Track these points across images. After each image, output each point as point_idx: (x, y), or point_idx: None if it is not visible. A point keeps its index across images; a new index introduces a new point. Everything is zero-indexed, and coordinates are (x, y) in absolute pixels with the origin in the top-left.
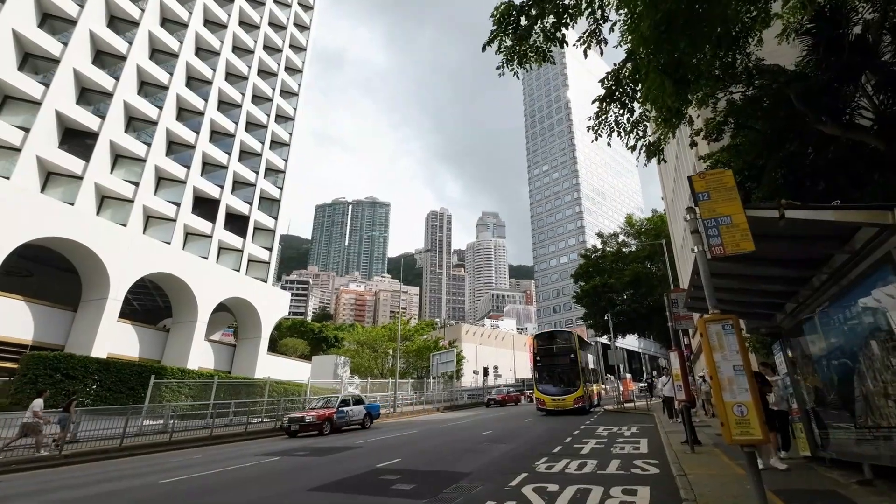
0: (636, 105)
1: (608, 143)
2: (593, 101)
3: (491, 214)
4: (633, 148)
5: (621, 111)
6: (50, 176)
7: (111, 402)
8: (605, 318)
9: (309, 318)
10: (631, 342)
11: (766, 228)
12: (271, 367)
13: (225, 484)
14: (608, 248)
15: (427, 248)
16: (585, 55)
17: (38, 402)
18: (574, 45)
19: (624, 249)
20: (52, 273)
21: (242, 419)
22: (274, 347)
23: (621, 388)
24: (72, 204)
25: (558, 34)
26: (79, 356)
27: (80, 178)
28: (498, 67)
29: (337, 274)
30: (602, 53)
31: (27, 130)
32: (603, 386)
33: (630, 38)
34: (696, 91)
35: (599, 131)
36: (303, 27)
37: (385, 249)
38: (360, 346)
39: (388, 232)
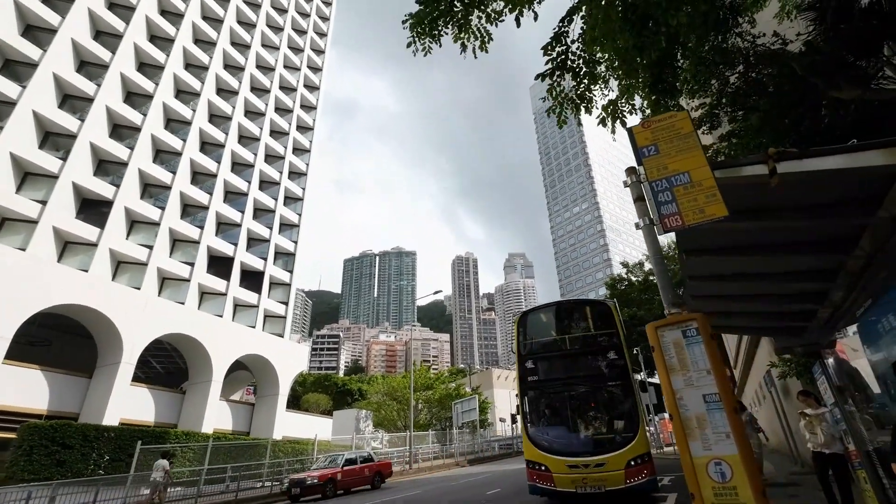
0: (602, 69)
1: (578, 123)
2: (537, 77)
3: (518, 255)
4: (602, 121)
5: (578, 83)
6: (67, 245)
7: (109, 471)
8: (634, 352)
9: (341, 372)
10: None
11: (759, 199)
12: (291, 425)
13: None
14: (633, 278)
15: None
16: (518, 24)
17: (165, 463)
18: (502, 12)
19: (651, 278)
20: (71, 340)
21: (244, 484)
22: (296, 404)
23: (660, 430)
24: (86, 271)
25: None
26: (76, 424)
27: (95, 245)
28: (410, 45)
29: (367, 326)
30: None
31: (44, 203)
32: None
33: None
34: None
35: (564, 112)
36: (312, 88)
37: (414, 298)
38: (384, 399)
39: (416, 280)
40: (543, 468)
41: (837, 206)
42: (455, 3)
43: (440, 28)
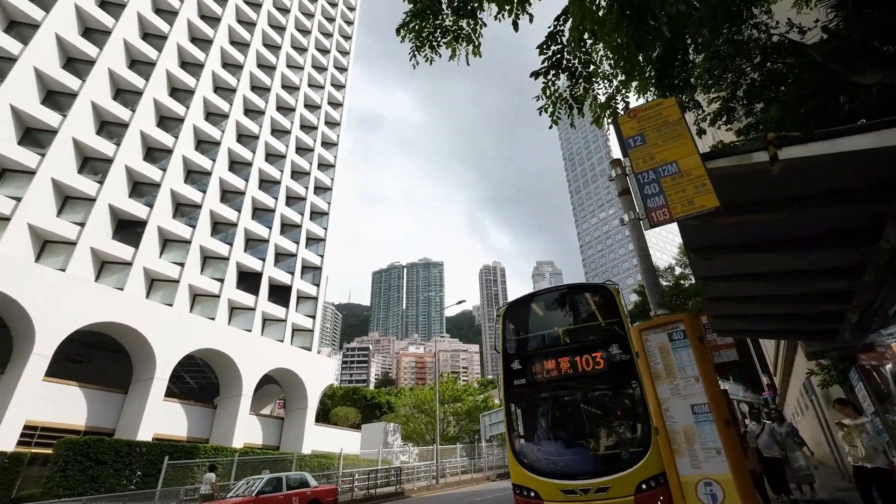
0: (603, 66)
1: (571, 125)
2: (531, 75)
3: (546, 263)
4: (597, 120)
5: (574, 83)
6: (104, 265)
7: (141, 486)
8: None
9: (371, 385)
10: None
11: (763, 190)
12: (319, 439)
13: None
14: (664, 283)
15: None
16: (516, 28)
17: (212, 476)
18: (497, 18)
19: (682, 282)
20: (108, 357)
21: None
22: (326, 417)
23: None
24: (122, 289)
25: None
26: (109, 440)
27: (130, 264)
28: (411, 59)
29: (397, 337)
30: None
31: (82, 225)
32: None
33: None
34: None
35: (556, 112)
36: (336, 104)
37: (442, 309)
38: (413, 411)
39: (444, 291)
40: (533, 494)
41: (850, 193)
42: (443, 11)
43: (438, 41)
